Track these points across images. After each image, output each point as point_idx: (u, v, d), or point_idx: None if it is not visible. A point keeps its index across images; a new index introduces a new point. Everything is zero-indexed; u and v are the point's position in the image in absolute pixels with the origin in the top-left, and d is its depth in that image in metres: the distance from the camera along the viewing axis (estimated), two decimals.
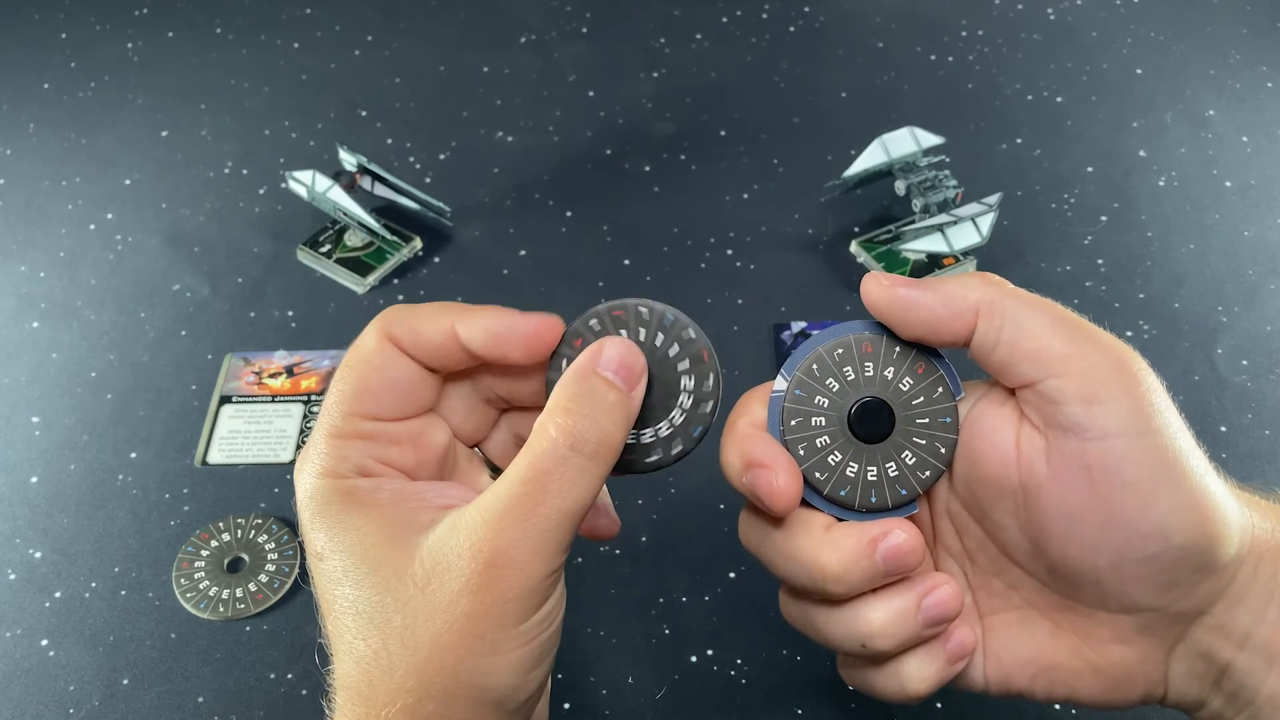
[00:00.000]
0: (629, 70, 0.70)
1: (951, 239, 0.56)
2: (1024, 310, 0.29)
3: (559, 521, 0.27)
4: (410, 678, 0.26)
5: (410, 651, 0.26)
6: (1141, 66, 0.71)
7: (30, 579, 0.45)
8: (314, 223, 0.60)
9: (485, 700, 0.27)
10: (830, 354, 0.31)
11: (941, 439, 0.30)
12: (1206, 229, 0.59)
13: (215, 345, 0.54)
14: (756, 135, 0.66)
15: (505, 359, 0.30)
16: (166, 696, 0.41)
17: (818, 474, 0.30)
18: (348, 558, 0.27)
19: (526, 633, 0.27)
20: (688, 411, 0.31)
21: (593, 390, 0.28)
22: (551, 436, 0.27)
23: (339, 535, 0.28)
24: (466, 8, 0.75)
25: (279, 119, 0.67)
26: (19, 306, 0.56)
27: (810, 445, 0.30)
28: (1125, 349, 0.28)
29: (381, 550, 0.27)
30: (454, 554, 0.26)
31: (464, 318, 0.29)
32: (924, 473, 0.30)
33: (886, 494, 0.30)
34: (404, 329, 0.30)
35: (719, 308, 0.56)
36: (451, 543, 0.27)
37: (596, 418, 0.28)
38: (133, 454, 0.49)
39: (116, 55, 0.72)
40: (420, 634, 0.26)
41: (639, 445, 0.30)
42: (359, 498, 0.28)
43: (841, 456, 0.30)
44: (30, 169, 0.64)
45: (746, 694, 0.41)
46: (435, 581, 0.26)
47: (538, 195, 0.62)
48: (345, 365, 0.30)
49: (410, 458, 0.30)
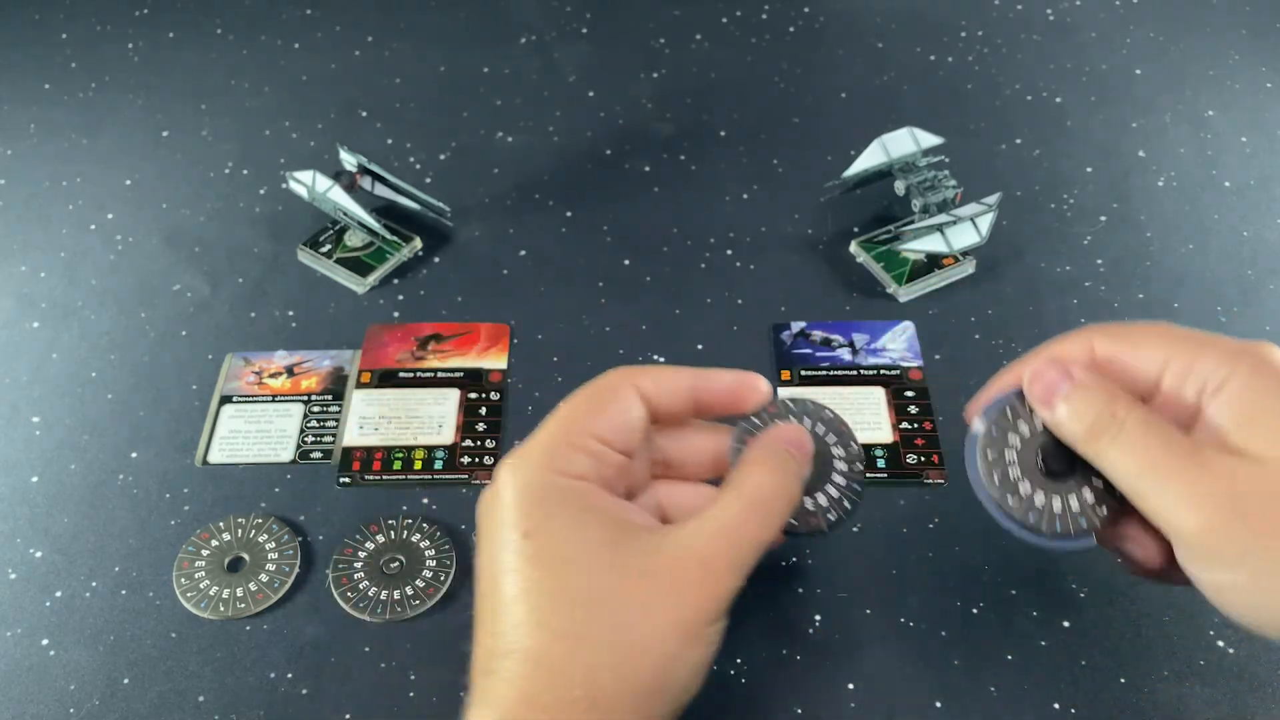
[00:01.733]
0: (629, 70, 0.70)
1: (951, 239, 0.56)
2: None
3: (754, 548, 0.33)
4: (603, 653, 0.31)
5: (613, 632, 0.31)
6: (1141, 67, 0.71)
7: (31, 578, 0.45)
8: (314, 223, 0.60)
9: (665, 689, 0.32)
10: (1023, 402, 0.36)
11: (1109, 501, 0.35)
12: (1206, 229, 0.60)
13: (216, 345, 0.54)
14: (756, 135, 0.66)
15: (712, 412, 0.38)
16: (167, 696, 0.41)
17: (1009, 499, 0.35)
18: (566, 542, 0.32)
19: (714, 635, 0.33)
20: (845, 475, 0.37)
21: (780, 455, 0.36)
22: (758, 483, 0.34)
23: (560, 521, 0.33)
24: (467, 8, 0.75)
25: (279, 119, 0.67)
26: (20, 306, 0.56)
27: (1004, 476, 0.35)
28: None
29: (602, 542, 0.33)
30: (676, 556, 0.32)
31: (698, 379, 0.37)
32: (1102, 509, 0.34)
33: (1070, 524, 0.34)
34: (649, 380, 0.36)
35: (719, 308, 0.56)
36: (675, 547, 0.33)
37: (786, 478, 0.35)
38: (133, 454, 0.49)
39: (117, 56, 0.72)
40: (633, 617, 0.31)
41: (803, 510, 0.37)
42: (584, 495, 0.34)
43: (1031, 488, 0.35)
44: (31, 169, 0.64)
45: (746, 694, 0.41)
46: (660, 575, 0.32)
47: (538, 195, 0.62)
48: (588, 393, 0.36)
49: (615, 486, 0.36)
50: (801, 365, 0.53)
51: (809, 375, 0.52)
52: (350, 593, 0.44)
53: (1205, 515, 0.30)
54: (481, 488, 0.47)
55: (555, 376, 0.52)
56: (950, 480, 0.48)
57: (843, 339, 0.54)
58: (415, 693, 0.41)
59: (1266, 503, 0.30)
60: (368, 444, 0.49)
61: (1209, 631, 0.42)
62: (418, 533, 0.46)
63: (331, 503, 0.48)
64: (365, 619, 0.43)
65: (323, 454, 0.49)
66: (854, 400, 0.51)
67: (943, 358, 0.53)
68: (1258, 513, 0.30)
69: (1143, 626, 0.43)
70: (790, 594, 0.44)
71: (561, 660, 0.31)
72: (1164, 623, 0.43)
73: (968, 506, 0.47)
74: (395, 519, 0.46)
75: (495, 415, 0.51)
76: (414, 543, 0.46)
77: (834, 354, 0.53)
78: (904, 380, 0.52)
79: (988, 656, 0.42)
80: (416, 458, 0.49)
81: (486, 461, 0.49)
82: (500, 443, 0.50)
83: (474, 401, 0.51)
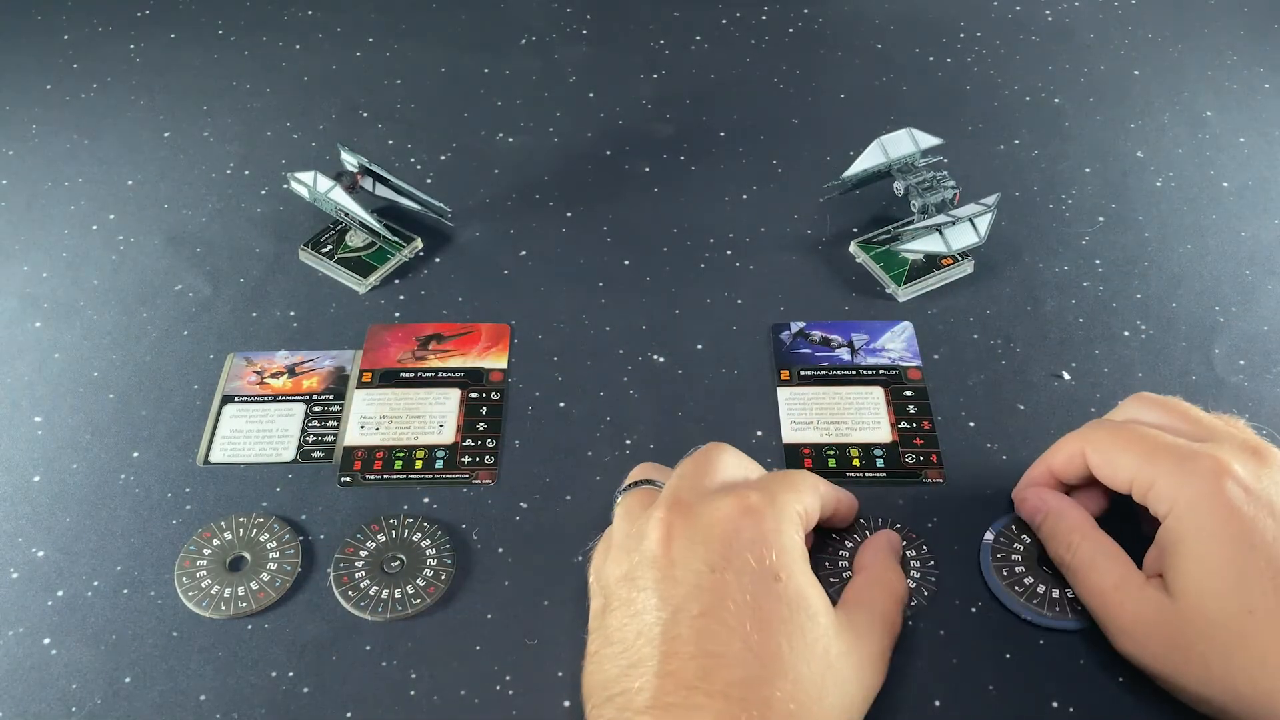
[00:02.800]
0: (629, 72, 0.71)
1: (950, 239, 0.56)
2: None
3: (893, 630, 0.41)
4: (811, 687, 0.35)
5: (826, 670, 0.36)
6: (1139, 68, 0.71)
7: (32, 578, 0.45)
8: (315, 223, 0.60)
9: None
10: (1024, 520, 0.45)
11: None
12: (1204, 229, 0.60)
13: (217, 345, 0.54)
14: (756, 136, 0.66)
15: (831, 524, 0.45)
16: (168, 695, 0.41)
17: (1016, 589, 0.43)
18: (814, 595, 0.37)
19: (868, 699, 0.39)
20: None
21: (896, 560, 0.44)
22: (893, 587, 0.42)
23: (813, 579, 0.38)
24: (467, 9, 0.76)
25: (281, 120, 0.67)
26: (22, 307, 0.56)
27: (1011, 573, 0.44)
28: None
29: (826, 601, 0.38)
30: (864, 626, 0.39)
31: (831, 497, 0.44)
32: None
33: (1067, 610, 0.42)
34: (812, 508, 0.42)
35: (718, 308, 0.56)
36: (861, 616, 0.40)
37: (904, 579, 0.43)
38: (135, 453, 0.50)
39: (119, 56, 0.72)
40: (833, 653, 0.36)
41: None
42: None
43: (1034, 581, 0.44)
44: (33, 170, 0.64)
45: None
46: (858, 630, 0.39)
47: (538, 196, 0.62)
48: (809, 497, 0.41)
49: None
50: (800, 365, 0.53)
51: (808, 375, 0.52)
52: (351, 592, 0.44)
53: (1134, 645, 0.39)
54: (482, 487, 0.48)
55: (555, 376, 0.53)
56: (948, 479, 0.48)
57: (842, 339, 0.54)
58: (416, 691, 0.42)
59: (1174, 634, 0.37)
60: (369, 444, 0.50)
61: None
62: (419, 532, 0.46)
63: (332, 502, 0.48)
64: (366, 618, 0.43)
65: (324, 453, 0.49)
66: (853, 400, 0.51)
67: (941, 358, 0.53)
68: (1167, 646, 0.38)
69: None
70: None
71: (750, 688, 0.34)
72: None
73: (966, 506, 0.47)
74: (396, 518, 0.47)
75: (496, 415, 0.51)
76: (415, 542, 0.46)
77: (833, 354, 0.53)
78: (903, 380, 0.52)
79: (988, 656, 0.42)
80: (417, 457, 0.49)
81: (487, 461, 0.49)
82: (500, 443, 0.50)
83: (475, 401, 0.51)
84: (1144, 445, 0.40)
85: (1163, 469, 0.39)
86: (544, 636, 0.43)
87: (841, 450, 0.49)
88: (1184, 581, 0.37)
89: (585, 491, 0.48)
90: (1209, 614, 0.36)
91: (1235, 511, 0.37)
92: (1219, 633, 0.36)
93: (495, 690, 0.41)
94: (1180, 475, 0.38)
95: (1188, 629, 0.37)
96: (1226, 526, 0.37)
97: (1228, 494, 0.37)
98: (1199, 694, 0.37)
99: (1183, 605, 0.37)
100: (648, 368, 0.53)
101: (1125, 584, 0.39)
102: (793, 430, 0.50)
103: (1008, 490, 0.47)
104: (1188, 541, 0.37)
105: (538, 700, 0.41)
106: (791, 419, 0.50)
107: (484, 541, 0.46)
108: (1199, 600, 0.37)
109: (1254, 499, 0.37)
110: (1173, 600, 0.37)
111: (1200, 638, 0.36)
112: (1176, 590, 0.37)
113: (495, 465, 0.49)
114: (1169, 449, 0.39)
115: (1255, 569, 0.36)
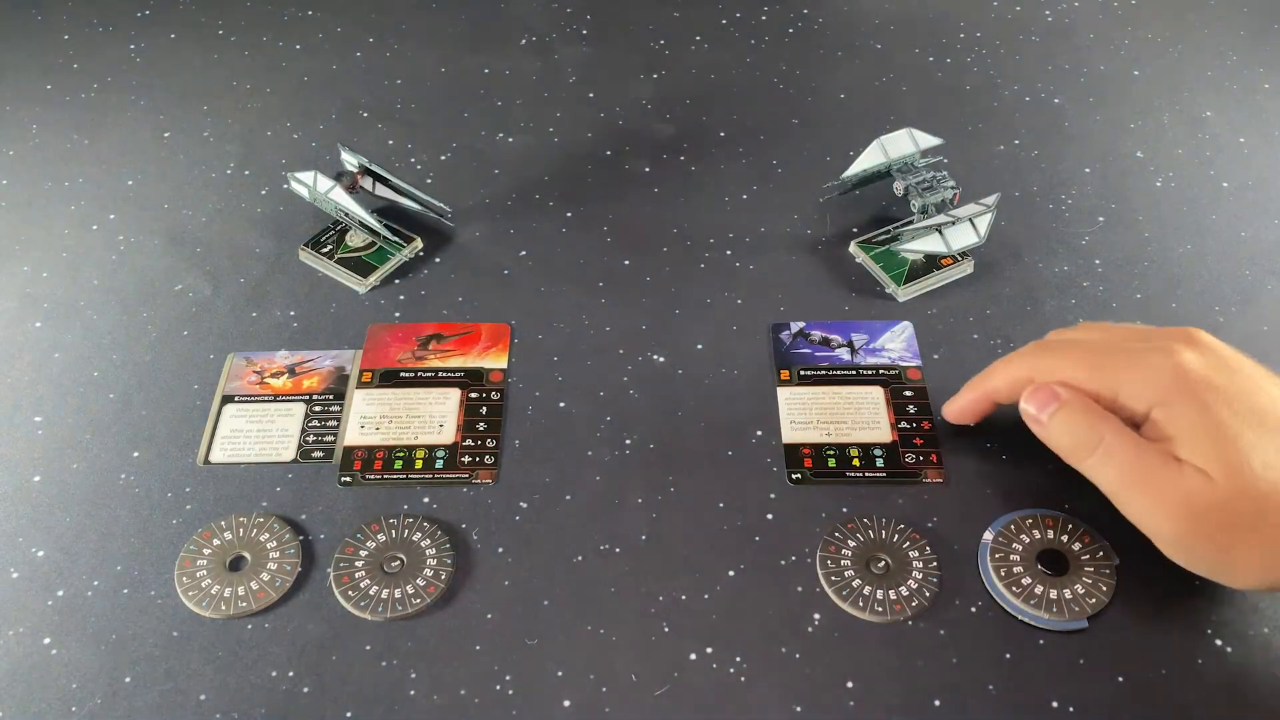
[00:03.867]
0: (629, 72, 0.71)
1: (949, 239, 0.56)
2: None
3: None
4: None
5: None
6: (1139, 68, 0.71)
7: (33, 577, 0.45)
8: (316, 223, 0.60)
9: None
10: (1024, 520, 0.46)
11: (1106, 582, 0.43)
12: (1204, 229, 0.60)
13: (217, 345, 0.54)
14: (755, 136, 0.66)
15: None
16: (168, 694, 0.41)
17: (1014, 589, 0.43)
18: None
19: None
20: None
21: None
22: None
23: None
24: (467, 9, 0.76)
25: (281, 120, 0.67)
26: (22, 307, 0.56)
27: (1009, 574, 0.44)
28: None
29: None
30: None
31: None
32: (1091, 600, 0.43)
33: (1065, 611, 0.42)
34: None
35: (718, 308, 0.56)
36: None
37: None
38: (135, 453, 0.50)
39: (119, 56, 0.72)
40: None
41: None
42: None
43: (1032, 582, 0.43)
44: (33, 170, 0.64)
45: (746, 692, 0.41)
46: None
47: (538, 195, 0.62)
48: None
49: None
50: (800, 365, 0.53)
51: (808, 375, 0.52)
52: (351, 591, 0.44)
53: (1174, 528, 0.39)
54: (482, 487, 0.48)
55: (555, 376, 0.53)
56: (948, 479, 0.48)
57: (842, 339, 0.54)
58: (416, 691, 0.42)
59: (1218, 515, 0.38)
60: (369, 443, 0.50)
61: (1207, 630, 0.43)
62: (419, 531, 0.46)
63: (333, 502, 0.48)
64: (366, 617, 0.44)
65: (324, 453, 0.49)
66: (853, 400, 0.51)
67: (941, 358, 0.53)
68: (1213, 526, 0.38)
69: (1142, 626, 0.43)
70: (790, 594, 0.44)
71: None
72: (1163, 622, 0.43)
73: (966, 506, 0.47)
74: (396, 518, 0.47)
75: (496, 415, 0.51)
76: (415, 541, 0.46)
77: (833, 354, 0.53)
78: (903, 380, 0.52)
79: (987, 656, 0.42)
80: (417, 457, 0.49)
81: (487, 461, 0.49)
82: (500, 443, 0.50)
83: (475, 401, 0.51)
84: (1092, 358, 0.41)
85: (1123, 376, 0.40)
86: (544, 636, 0.43)
87: (841, 450, 0.49)
88: (1209, 461, 0.38)
89: (585, 491, 0.48)
90: (1260, 484, 0.37)
91: (1207, 380, 0.39)
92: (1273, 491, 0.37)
93: (495, 690, 0.41)
94: (1142, 371, 0.40)
95: (1243, 500, 0.37)
96: (1208, 394, 0.39)
97: (1188, 368, 0.39)
98: (1262, 561, 0.38)
99: (1223, 481, 0.37)
100: (648, 368, 0.53)
101: (1165, 463, 0.39)
102: (793, 430, 0.50)
103: (1008, 490, 0.47)
104: (1189, 416, 0.39)
105: (538, 700, 0.41)
106: (791, 419, 0.50)
107: (484, 541, 0.46)
108: (1240, 472, 0.37)
109: (1213, 364, 0.39)
110: (1209, 480, 0.38)
111: (1259, 499, 0.37)
112: (1211, 472, 0.38)
113: (495, 465, 0.49)
114: (1117, 353, 0.41)
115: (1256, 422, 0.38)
